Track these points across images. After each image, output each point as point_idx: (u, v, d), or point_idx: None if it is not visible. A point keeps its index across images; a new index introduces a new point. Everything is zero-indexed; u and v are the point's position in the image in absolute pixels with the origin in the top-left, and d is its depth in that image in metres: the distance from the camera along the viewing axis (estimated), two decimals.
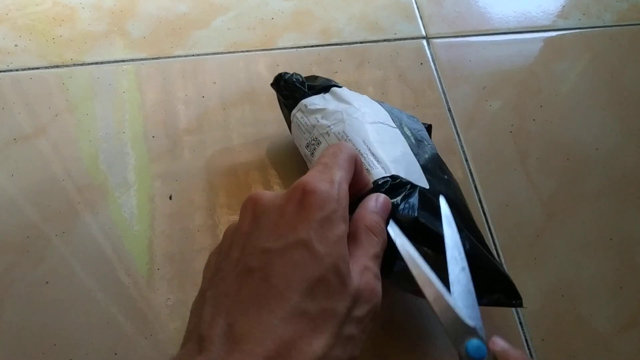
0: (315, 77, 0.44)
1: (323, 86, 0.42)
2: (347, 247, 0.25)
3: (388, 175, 0.33)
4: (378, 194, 0.30)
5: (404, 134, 0.38)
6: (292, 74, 0.43)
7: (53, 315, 0.40)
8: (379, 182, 0.32)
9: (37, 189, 0.46)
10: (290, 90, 0.43)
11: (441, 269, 0.28)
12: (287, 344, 0.20)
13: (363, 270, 0.24)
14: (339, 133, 0.37)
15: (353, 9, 0.61)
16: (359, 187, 0.30)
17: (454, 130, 0.51)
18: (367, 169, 0.34)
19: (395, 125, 0.39)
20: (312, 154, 0.40)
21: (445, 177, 0.38)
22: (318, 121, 0.39)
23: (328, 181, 0.25)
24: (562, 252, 0.45)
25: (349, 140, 0.36)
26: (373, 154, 0.34)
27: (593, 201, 0.47)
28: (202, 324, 0.22)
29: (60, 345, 0.39)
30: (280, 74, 0.44)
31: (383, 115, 0.39)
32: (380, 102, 0.42)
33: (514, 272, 0.43)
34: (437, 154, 0.40)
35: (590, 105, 0.54)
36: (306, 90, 0.42)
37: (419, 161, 0.36)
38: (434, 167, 0.37)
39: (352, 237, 0.26)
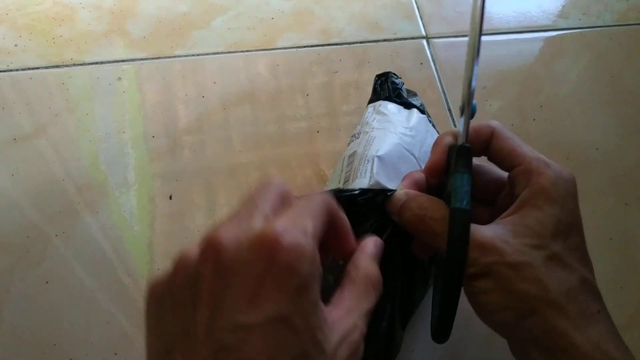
0: (414, 94, 0.43)
1: (408, 103, 0.42)
2: (341, 291, 0.24)
3: (358, 189, 0.32)
4: (375, 237, 0.28)
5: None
6: (397, 77, 0.43)
7: (53, 315, 0.40)
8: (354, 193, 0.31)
9: (37, 189, 0.46)
10: (382, 89, 0.43)
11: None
12: None
13: (352, 330, 0.23)
14: (371, 137, 0.37)
15: (353, 8, 0.60)
16: (343, 250, 0.27)
17: None
18: (355, 174, 0.34)
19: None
20: (348, 144, 0.40)
21: None
22: (373, 121, 0.39)
23: (301, 232, 0.21)
24: None
25: (370, 146, 0.36)
26: (372, 162, 0.34)
27: (593, 201, 0.47)
28: None
29: (60, 345, 0.39)
30: (388, 72, 0.43)
31: (425, 155, 0.37)
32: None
33: None
34: None
35: (590, 105, 0.54)
36: (392, 96, 0.42)
37: None
38: None
39: (348, 283, 0.25)
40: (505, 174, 0.31)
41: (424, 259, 0.35)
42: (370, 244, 0.27)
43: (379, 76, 0.44)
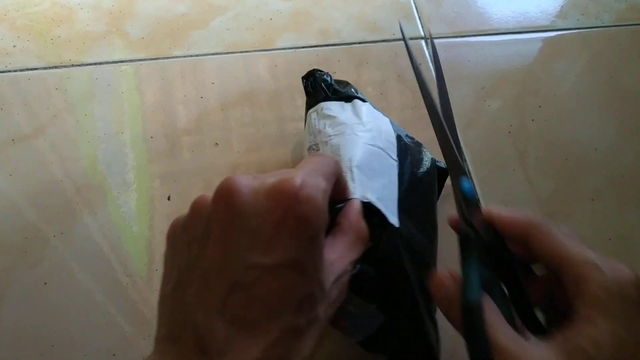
0: (346, 84, 0.43)
1: (347, 95, 0.41)
2: (334, 238, 0.26)
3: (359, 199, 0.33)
4: (358, 200, 0.30)
5: (401, 169, 0.36)
6: (324, 74, 0.43)
7: (51, 316, 0.40)
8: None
9: (36, 189, 0.45)
10: (316, 89, 0.42)
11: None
12: None
13: (343, 273, 0.25)
14: (334, 145, 0.36)
15: (352, 9, 0.60)
16: (340, 197, 0.30)
17: None
18: None
19: (395, 158, 0.37)
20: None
21: (427, 227, 0.37)
22: (325, 127, 0.39)
23: (317, 189, 0.23)
24: None
25: (339, 155, 0.35)
26: (352, 173, 0.33)
27: (591, 201, 0.47)
28: (200, 330, 0.21)
29: (58, 346, 0.39)
30: (312, 71, 0.43)
31: (388, 142, 0.38)
32: (398, 130, 0.40)
33: None
34: (434, 204, 0.39)
35: (588, 106, 0.54)
36: (329, 94, 0.41)
37: (401, 201, 0.34)
38: (419, 212, 0.36)
39: (340, 232, 0.26)
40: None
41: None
42: (358, 202, 0.29)
43: (305, 78, 0.43)
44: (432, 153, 0.42)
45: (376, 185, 0.33)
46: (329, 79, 0.43)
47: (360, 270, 0.29)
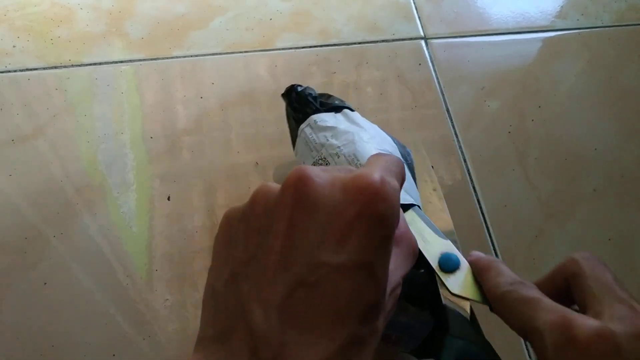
0: (328, 95, 0.43)
1: (335, 106, 0.41)
2: None
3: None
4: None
5: (408, 167, 0.37)
6: (305, 88, 0.42)
7: (51, 316, 0.40)
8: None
9: (36, 189, 0.45)
10: (302, 104, 0.41)
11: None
12: None
13: (397, 285, 0.23)
14: (349, 155, 0.36)
15: (352, 9, 0.60)
16: None
17: (453, 131, 0.51)
18: None
19: (401, 159, 0.38)
20: None
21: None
22: (327, 140, 0.38)
23: (395, 189, 0.21)
24: (561, 252, 0.45)
25: (359, 163, 0.35)
26: None
27: (591, 201, 0.47)
28: (254, 330, 0.19)
29: (58, 346, 0.39)
30: (292, 86, 0.42)
31: (390, 145, 0.38)
32: (388, 134, 0.41)
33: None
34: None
35: (588, 106, 0.54)
36: (318, 107, 0.41)
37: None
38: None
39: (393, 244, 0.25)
40: None
41: None
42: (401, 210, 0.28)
43: (286, 95, 0.43)
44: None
45: (405, 187, 0.33)
46: (312, 92, 0.42)
47: (409, 277, 0.29)
